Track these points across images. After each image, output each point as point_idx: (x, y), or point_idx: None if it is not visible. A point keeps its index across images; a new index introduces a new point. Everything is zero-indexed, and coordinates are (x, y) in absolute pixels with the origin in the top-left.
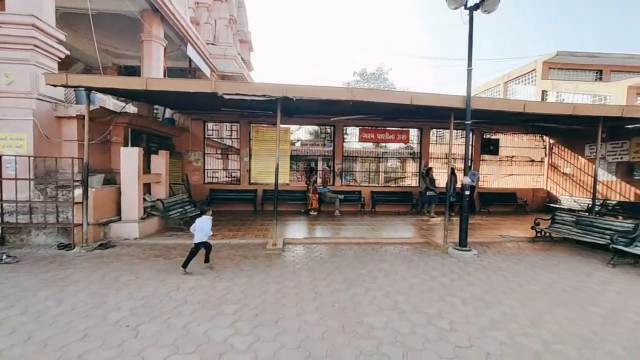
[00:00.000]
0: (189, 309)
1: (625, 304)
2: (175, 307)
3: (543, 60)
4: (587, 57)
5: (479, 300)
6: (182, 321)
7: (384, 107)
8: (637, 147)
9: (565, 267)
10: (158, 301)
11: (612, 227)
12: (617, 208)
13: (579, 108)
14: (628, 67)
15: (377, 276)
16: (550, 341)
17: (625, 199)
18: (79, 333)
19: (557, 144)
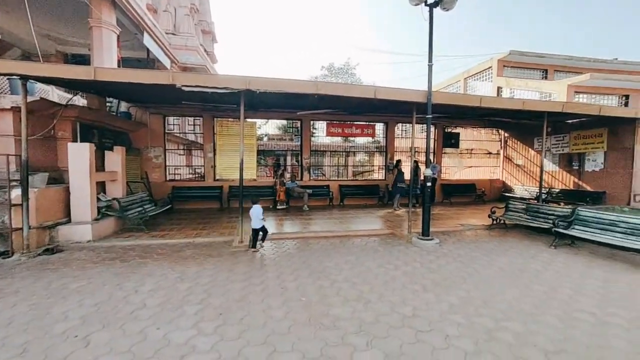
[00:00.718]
0: (147, 313)
1: (562, 281)
2: (132, 311)
3: (498, 59)
4: (535, 57)
5: (440, 286)
6: (140, 326)
7: (349, 101)
8: (575, 140)
9: (515, 251)
10: (113, 307)
11: (554, 213)
12: (559, 195)
13: (527, 104)
14: (568, 67)
15: (343, 268)
16: (500, 319)
17: (566, 187)
18: (16, 349)
19: (511, 137)
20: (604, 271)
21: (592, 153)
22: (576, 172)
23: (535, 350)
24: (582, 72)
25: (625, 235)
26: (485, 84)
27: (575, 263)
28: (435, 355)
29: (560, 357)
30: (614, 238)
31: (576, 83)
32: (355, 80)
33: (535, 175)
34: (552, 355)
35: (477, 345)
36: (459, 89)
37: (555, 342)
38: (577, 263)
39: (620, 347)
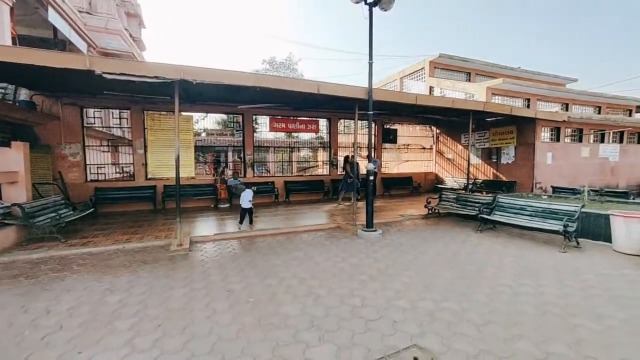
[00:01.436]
0: (65, 336)
1: (487, 261)
2: (43, 337)
3: (429, 60)
4: (460, 61)
5: (385, 274)
6: (54, 353)
7: (292, 96)
8: (493, 136)
9: (448, 237)
10: (15, 335)
11: (479, 201)
12: (482, 185)
13: (456, 102)
14: (486, 72)
15: (291, 265)
16: (440, 300)
17: (487, 178)
18: None
19: (442, 133)
20: (517, 249)
21: (506, 147)
22: (495, 165)
23: (469, 325)
24: (496, 76)
25: (530, 217)
26: (419, 83)
27: (496, 244)
28: (385, 341)
29: (487, 328)
30: (523, 220)
31: (493, 86)
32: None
33: (463, 167)
34: (482, 327)
35: (421, 327)
36: (395, 88)
37: (484, 316)
38: (498, 244)
39: (529, 311)
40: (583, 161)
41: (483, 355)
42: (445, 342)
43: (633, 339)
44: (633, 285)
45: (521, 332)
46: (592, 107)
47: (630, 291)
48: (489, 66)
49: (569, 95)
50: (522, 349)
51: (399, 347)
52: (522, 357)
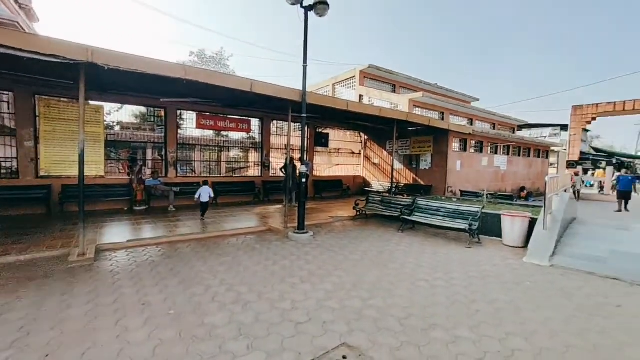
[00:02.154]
0: None
1: (408, 258)
2: None
3: (360, 70)
4: (387, 73)
5: (315, 276)
6: None
7: (223, 93)
8: (414, 144)
9: (375, 237)
10: None
11: (401, 203)
12: (404, 189)
13: (383, 111)
14: (409, 85)
15: (219, 271)
16: (367, 298)
17: (408, 182)
18: None
19: (369, 139)
20: (432, 246)
21: (424, 155)
22: (414, 170)
23: (392, 320)
24: (417, 90)
25: (443, 217)
26: (350, 91)
27: (415, 242)
28: (315, 343)
29: (408, 321)
30: (438, 220)
31: (414, 98)
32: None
33: (387, 172)
34: (403, 321)
35: (350, 326)
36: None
37: (405, 309)
38: (416, 242)
39: (442, 302)
40: (483, 169)
41: (405, 346)
42: (372, 337)
43: (516, 316)
44: (514, 272)
45: (436, 322)
46: (489, 123)
47: (512, 276)
48: (411, 80)
49: (473, 112)
50: (437, 337)
51: (329, 348)
52: (436, 344)
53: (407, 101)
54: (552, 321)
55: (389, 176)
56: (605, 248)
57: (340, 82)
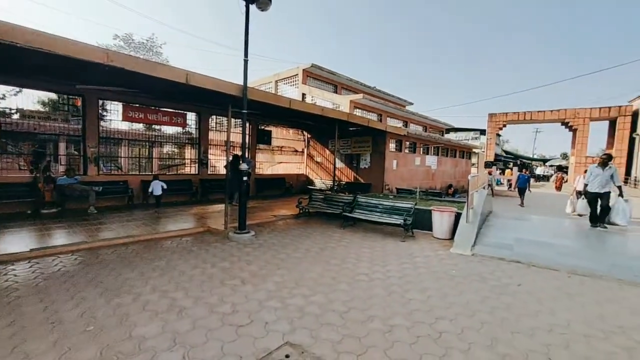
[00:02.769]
0: None
1: (349, 253)
2: None
3: (303, 68)
4: (329, 73)
5: (257, 276)
6: None
7: (156, 83)
8: (355, 143)
9: (317, 234)
10: None
11: (343, 200)
12: (345, 187)
13: (325, 111)
14: (350, 87)
15: (150, 277)
16: (309, 295)
17: (349, 180)
18: None
19: (312, 138)
20: (371, 241)
21: (364, 154)
22: (355, 169)
23: (334, 315)
24: (357, 91)
25: (381, 214)
26: (293, 89)
27: (356, 238)
28: (257, 345)
29: (349, 314)
30: (376, 216)
31: (355, 100)
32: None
33: (330, 170)
34: (344, 315)
35: (292, 324)
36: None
37: (346, 303)
38: (357, 238)
39: (380, 294)
40: (416, 168)
41: (346, 339)
42: (314, 333)
43: (443, 301)
44: (442, 262)
45: (374, 313)
46: (421, 126)
47: (440, 266)
48: (352, 82)
49: (407, 115)
50: (375, 327)
51: (271, 348)
52: (375, 335)
53: (348, 102)
54: (472, 303)
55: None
56: (511, 237)
57: (283, 80)
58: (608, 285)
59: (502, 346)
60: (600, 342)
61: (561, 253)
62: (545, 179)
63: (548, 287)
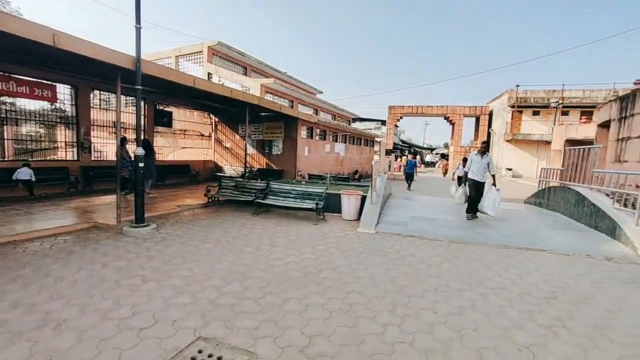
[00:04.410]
0: None
1: (263, 240)
2: None
3: (208, 45)
4: (238, 54)
5: (161, 272)
6: None
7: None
8: (266, 129)
9: (228, 223)
10: None
11: (255, 187)
12: (257, 173)
13: (234, 93)
14: (260, 70)
15: (9, 290)
16: (222, 285)
17: (261, 167)
18: None
19: (220, 122)
20: (285, 226)
21: (276, 140)
22: (267, 155)
23: (250, 302)
24: (268, 76)
25: (294, 199)
26: (196, 66)
27: (270, 224)
28: (164, 345)
29: (265, 299)
30: (290, 202)
31: (266, 84)
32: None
33: (241, 156)
34: (260, 300)
35: (205, 317)
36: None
37: (262, 289)
38: (271, 224)
39: (295, 276)
40: (326, 154)
41: (263, 325)
42: (229, 324)
43: (352, 276)
44: (351, 241)
45: (290, 295)
46: (330, 114)
47: (349, 245)
48: (263, 65)
49: (318, 103)
50: (291, 308)
51: (181, 346)
52: (292, 316)
53: (259, 86)
54: (377, 275)
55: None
56: (407, 215)
57: (185, 56)
58: (473, 249)
59: (401, 309)
60: (468, 293)
61: (444, 226)
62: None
63: (434, 255)
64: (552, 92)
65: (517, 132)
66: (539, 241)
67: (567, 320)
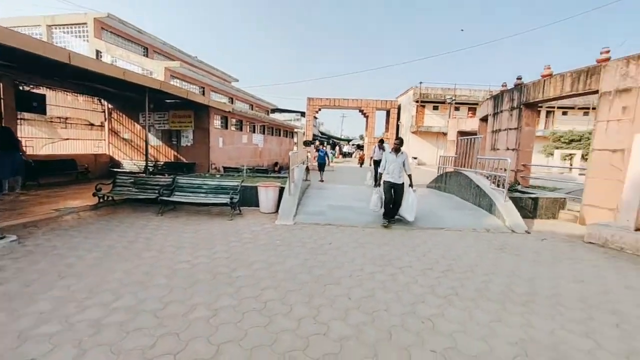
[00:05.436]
0: None
1: (167, 242)
2: None
3: (94, 17)
4: (135, 31)
5: (18, 298)
6: None
7: None
8: (173, 118)
9: (125, 226)
10: None
11: (159, 183)
12: (164, 167)
13: (129, 75)
14: (165, 52)
15: None
16: (111, 301)
17: (169, 160)
18: None
19: (116, 109)
20: (195, 225)
21: (185, 130)
22: (175, 147)
23: (146, 316)
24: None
25: (206, 194)
26: (80, 41)
27: (176, 224)
28: None
29: (167, 310)
30: (201, 197)
31: (171, 67)
32: None
33: (143, 149)
34: (160, 312)
35: (80, 346)
36: (41, 37)
37: (163, 298)
38: (178, 223)
39: (205, 278)
40: (243, 146)
41: (161, 340)
42: (116, 348)
43: (268, 271)
44: (268, 234)
45: (197, 301)
46: (247, 104)
47: (267, 238)
48: (168, 46)
49: (233, 91)
50: (198, 316)
51: None
52: (198, 325)
53: (162, 69)
54: (294, 267)
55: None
56: (325, 204)
57: (63, 27)
58: (384, 233)
59: (318, 299)
60: (380, 275)
61: (359, 213)
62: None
63: (350, 241)
64: (448, 90)
65: (421, 124)
66: (439, 220)
67: (459, 289)
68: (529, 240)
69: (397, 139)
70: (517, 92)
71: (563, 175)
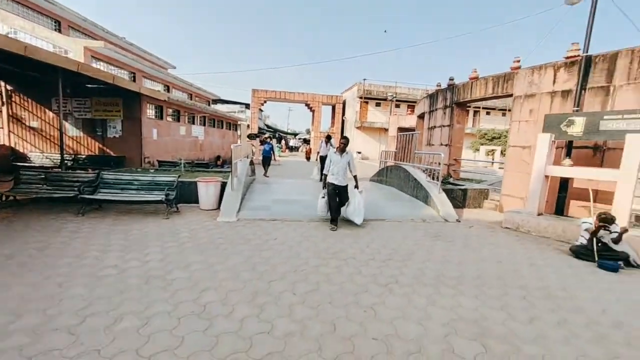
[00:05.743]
0: None
1: (89, 247)
2: None
3: None
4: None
5: None
6: None
7: None
8: (97, 105)
9: (33, 230)
10: None
11: (79, 179)
12: (86, 161)
13: (32, 50)
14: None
15: None
16: (6, 323)
17: (92, 153)
18: None
19: (17, 92)
20: (124, 225)
21: (112, 120)
22: (100, 138)
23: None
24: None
25: (138, 191)
26: None
27: (101, 225)
28: None
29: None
30: (131, 194)
31: (93, 48)
32: None
33: (57, 140)
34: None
35: None
36: None
37: (81, 311)
38: (103, 224)
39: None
40: (181, 138)
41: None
42: None
43: (208, 272)
44: (209, 232)
45: (125, 310)
46: (186, 93)
47: (207, 237)
48: (89, 23)
49: (169, 79)
50: (126, 327)
51: None
52: (125, 337)
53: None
54: (237, 265)
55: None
56: (270, 199)
57: None
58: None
59: (261, 297)
60: (324, 268)
61: (304, 207)
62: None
63: (295, 235)
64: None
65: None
66: (380, 211)
67: (399, 276)
68: (460, 228)
69: (343, 138)
70: (450, 92)
71: (487, 168)
